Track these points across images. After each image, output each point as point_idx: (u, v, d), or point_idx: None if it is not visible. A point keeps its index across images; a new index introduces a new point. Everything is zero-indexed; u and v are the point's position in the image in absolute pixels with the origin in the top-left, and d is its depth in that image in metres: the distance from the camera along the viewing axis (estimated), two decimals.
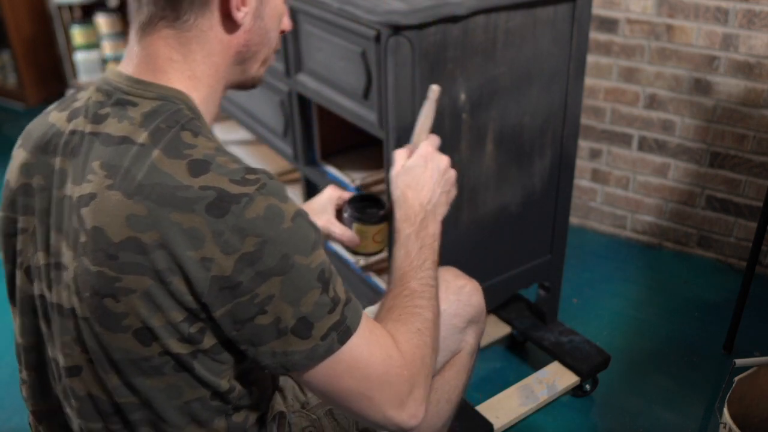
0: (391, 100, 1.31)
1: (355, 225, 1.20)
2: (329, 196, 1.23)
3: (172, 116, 0.79)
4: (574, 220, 2.52)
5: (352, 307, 0.82)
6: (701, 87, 2.14)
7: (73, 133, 0.83)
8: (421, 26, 1.26)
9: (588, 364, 1.74)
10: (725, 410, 1.38)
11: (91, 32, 3.29)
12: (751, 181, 2.16)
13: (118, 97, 0.82)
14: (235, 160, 0.78)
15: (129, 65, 0.84)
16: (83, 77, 3.34)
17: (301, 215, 0.77)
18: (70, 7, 3.38)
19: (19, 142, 0.91)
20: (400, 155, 1.10)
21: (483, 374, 1.85)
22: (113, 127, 0.80)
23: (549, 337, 1.82)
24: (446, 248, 1.29)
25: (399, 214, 1.04)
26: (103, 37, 3.29)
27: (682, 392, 1.80)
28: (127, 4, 0.87)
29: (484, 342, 1.85)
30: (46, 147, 0.85)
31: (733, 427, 1.34)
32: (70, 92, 0.85)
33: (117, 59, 3.31)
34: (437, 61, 1.31)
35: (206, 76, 0.84)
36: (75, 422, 0.87)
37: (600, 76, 2.29)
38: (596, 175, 2.44)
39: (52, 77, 3.80)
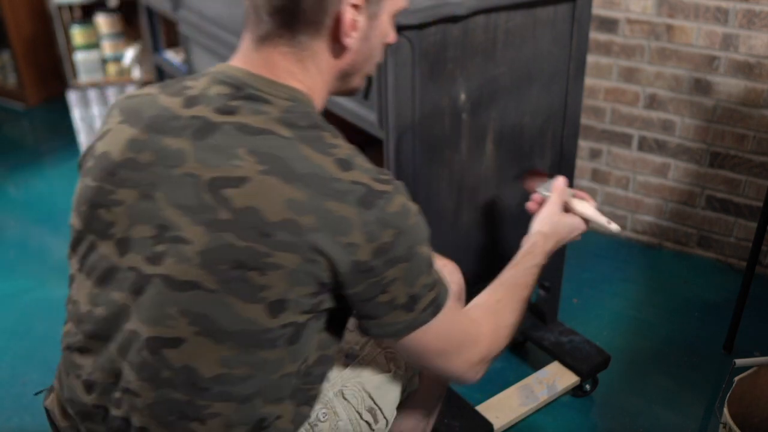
0: (391, 100, 1.31)
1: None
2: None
3: (308, 117, 0.89)
4: None
5: (443, 284, 0.94)
6: (701, 87, 2.14)
7: (194, 117, 0.88)
8: (421, 26, 1.26)
9: (588, 364, 1.74)
10: (725, 410, 1.38)
11: (91, 32, 3.29)
12: (751, 181, 2.16)
13: (250, 92, 0.89)
14: (368, 161, 0.89)
15: (248, 65, 0.91)
16: (83, 77, 3.34)
17: (419, 213, 0.90)
18: (70, 7, 3.38)
19: (119, 117, 0.94)
20: (561, 190, 1.29)
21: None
22: (250, 118, 0.87)
23: (549, 337, 1.82)
24: (446, 248, 1.29)
25: (541, 242, 1.21)
26: (103, 37, 3.28)
27: (682, 392, 1.80)
28: (246, 14, 0.93)
29: None
30: (160, 127, 0.90)
31: (733, 427, 1.34)
32: (169, 80, 0.91)
33: (117, 59, 3.31)
34: (437, 61, 1.31)
35: (318, 88, 0.94)
36: (144, 396, 0.88)
37: (600, 76, 2.29)
38: (596, 175, 2.44)
39: (52, 77, 3.79)
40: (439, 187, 1.45)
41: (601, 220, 1.29)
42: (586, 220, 1.29)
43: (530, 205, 1.32)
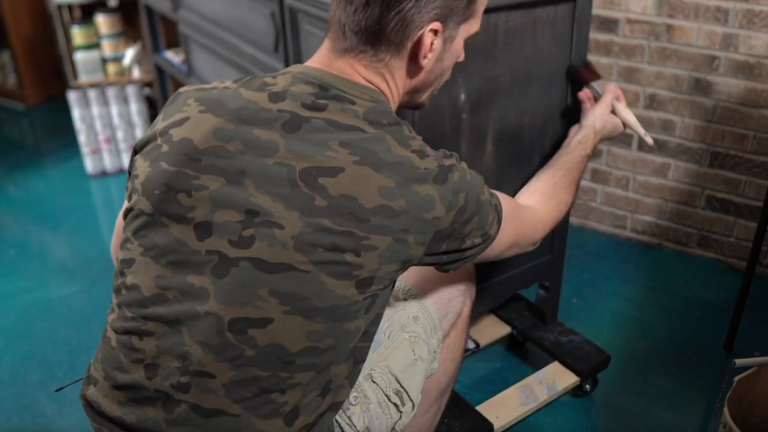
0: None
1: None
2: None
3: (389, 116, 0.97)
4: (574, 220, 2.52)
5: (497, 198, 1.08)
6: (701, 87, 2.14)
7: (282, 111, 0.94)
8: None
9: (588, 364, 1.74)
10: (725, 410, 1.38)
11: (91, 32, 3.29)
12: (751, 181, 2.17)
13: (336, 93, 0.96)
14: (436, 149, 1.00)
15: (330, 68, 0.99)
16: (83, 77, 3.34)
17: (471, 170, 1.02)
18: (70, 7, 3.38)
19: (200, 107, 0.97)
20: (612, 92, 1.44)
21: (483, 374, 1.85)
22: (339, 115, 0.94)
23: (549, 337, 1.82)
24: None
25: (591, 136, 1.40)
26: (103, 37, 3.29)
27: (682, 392, 1.80)
28: (330, 24, 1.01)
29: (485, 342, 1.85)
30: (248, 118, 0.95)
31: (733, 427, 1.34)
32: (245, 77, 0.95)
33: (117, 59, 3.31)
34: None
35: (391, 99, 1.04)
36: (221, 376, 0.89)
37: None
38: (596, 175, 2.44)
39: (52, 77, 3.80)
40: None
41: (640, 130, 1.41)
42: (626, 125, 1.43)
43: (582, 96, 1.45)
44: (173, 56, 2.82)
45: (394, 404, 1.12)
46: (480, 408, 1.64)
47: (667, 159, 2.28)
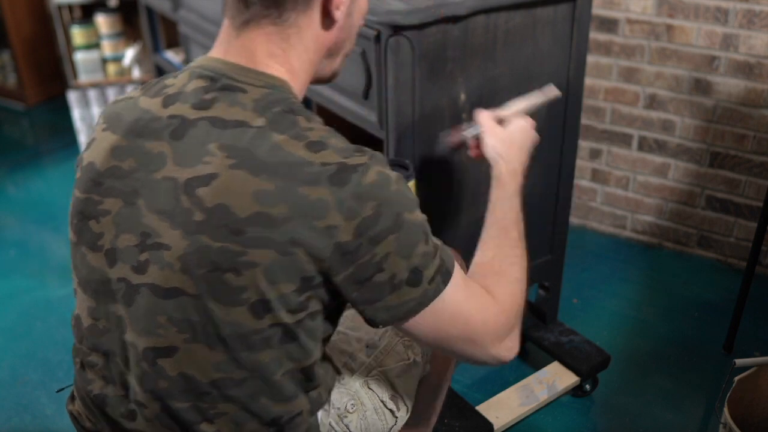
0: (391, 100, 1.31)
1: None
2: None
3: (284, 103, 0.86)
4: (574, 220, 2.52)
5: (445, 251, 0.89)
6: (701, 87, 2.14)
7: (172, 117, 0.86)
8: (421, 26, 1.26)
9: (588, 364, 1.74)
10: (725, 410, 1.38)
11: (91, 32, 3.28)
12: (751, 181, 2.16)
13: (225, 83, 0.86)
14: (345, 141, 0.85)
15: (226, 55, 0.89)
16: (83, 77, 3.34)
17: (402, 179, 0.85)
18: (70, 7, 3.38)
19: (103, 125, 0.93)
20: (487, 115, 1.18)
21: (483, 374, 1.85)
22: (225, 111, 0.84)
23: (549, 337, 1.82)
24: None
25: (506, 168, 1.11)
26: (103, 37, 3.28)
27: (682, 392, 1.80)
28: (225, 3, 0.92)
29: None
30: (141, 131, 0.88)
31: (733, 427, 1.34)
32: (152, 81, 0.90)
33: (117, 59, 3.31)
34: (437, 61, 1.31)
35: (301, 70, 0.92)
36: (150, 407, 0.88)
37: (600, 76, 2.29)
38: (596, 175, 2.44)
39: (52, 77, 3.79)
40: (439, 187, 1.45)
41: (536, 99, 1.21)
42: (528, 116, 1.20)
43: (472, 153, 1.20)
44: (173, 56, 2.82)
45: (390, 410, 1.11)
46: (480, 408, 1.64)
47: (667, 159, 2.28)
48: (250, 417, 0.88)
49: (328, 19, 0.90)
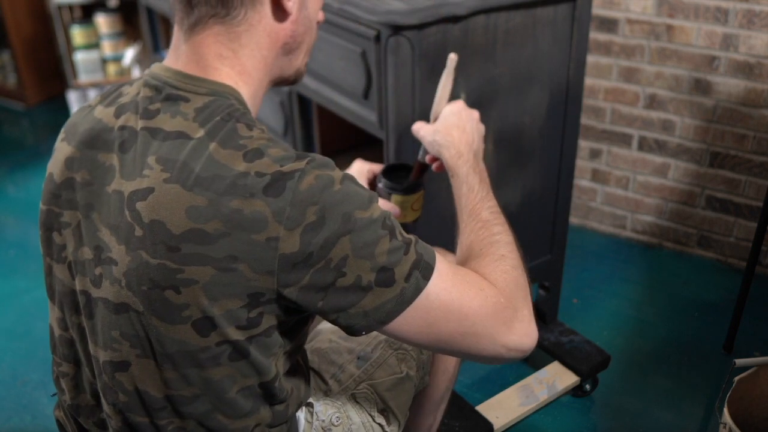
0: (391, 100, 1.31)
1: (394, 196, 1.18)
2: (359, 169, 1.22)
3: (226, 110, 0.81)
4: (574, 220, 2.52)
5: (422, 245, 0.83)
6: (701, 87, 2.14)
7: (122, 128, 0.84)
8: (421, 26, 1.26)
9: (588, 364, 1.74)
10: (725, 410, 1.38)
11: (91, 32, 3.29)
12: (751, 181, 2.16)
13: (169, 92, 0.83)
14: (287, 149, 0.80)
15: (176, 61, 0.86)
16: (83, 77, 3.34)
17: (349, 178, 0.80)
18: (70, 7, 3.38)
19: (61, 135, 0.92)
20: (421, 123, 1.14)
21: (483, 374, 1.85)
22: (166, 122, 0.81)
23: (549, 337, 1.82)
24: (446, 248, 1.29)
25: (449, 154, 1.06)
26: (103, 37, 3.29)
27: (682, 392, 1.80)
28: (172, 8, 0.88)
29: None
30: (93, 142, 0.86)
31: (733, 427, 1.34)
32: (108, 87, 0.88)
33: (117, 59, 3.31)
34: (437, 61, 1.31)
35: (255, 70, 0.87)
36: (114, 419, 0.88)
37: (600, 76, 2.29)
38: (596, 175, 2.44)
39: (52, 77, 3.79)
40: (438, 187, 1.45)
41: (446, 78, 1.15)
42: (449, 99, 1.15)
43: (434, 167, 1.15)
44: None
45: (379, 424, 1.08)
46: (480, 408, 1.64)
47: (667, 159, 2.28)
48: (209, 430, 0.86)
49: (280, 12, 0.85)
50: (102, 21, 3.24)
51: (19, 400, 1.82)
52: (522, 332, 0.84)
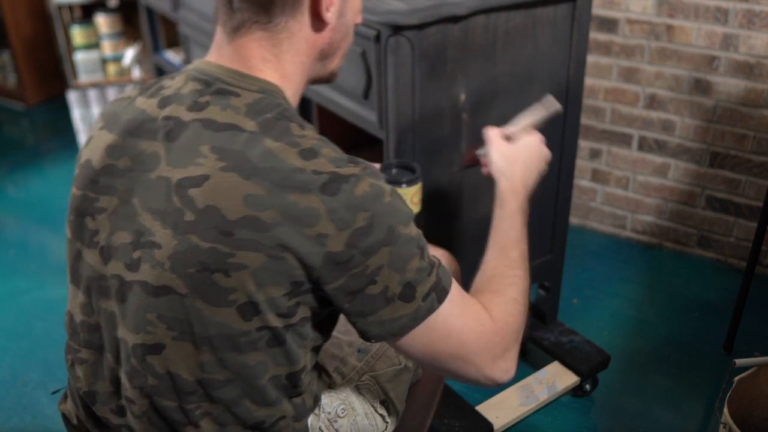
0: (391, 100, 1.31)
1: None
2: None
3: (277, 109, 0.85)
4: (574, 220, 2.52)
5: (443, 269, 0.88)
6: (701, 87, 2.14)
7: (167, 118, 0.87)
8: (421, 26, 1.26)
9: (588, 364, 1.74)
10: (725, 410, 1.38)
11: (91, 32, 3.28)
12: (751, 181, 2.16)
13: (219, 87, 0.87)
14: (337, 150, 0.85)
15: (221, 59, 0.90)
16: (83, 77, 3.34)
17: (396, 192, 0.85)
18: (70, 7, 3.38)
19: (100, 124, 0.95)
20: (494, 132, 1.17)
21: None
22: (217, 114, 0.85)
23: (549, 337, 1.82)
24: (446, 248, 1.29)
25: (505, 184, 1.09)
26: (103, 37, 3.28)
27: (682, 392, 1.80)
28: (216, 8, 0.91)
29: None
30: (136, 131, 0.89)
31: (733, 427, 1.34)
32: (150, 81, 0.91)
33: (117, 59, 3.31)
34: (437, 61, 1.31)
35: (295, 74, 0.91)
36: (139, 403, 0.88)
37: (600, 76, 2.29)
38: (596, 175, 2.44)
39: (52, 77, 3.79)
40: (439, 187, 1.45)
41: (540, 113, 1.17)
42: (534, 127, 1.18)
43: (484, 171, 1.19)
44: (173, 56, 2.82)
45: (381, 415, 1.11)
46: (480, 408, 1.64)
47: (667, 159, 2.28)
48: (233, 419, 0.88)
49: (318, 22, 0.89)
50: (102, 21, 3.24)
51: (19, 400, 1.82)
52: (503, 368, 0.91)
